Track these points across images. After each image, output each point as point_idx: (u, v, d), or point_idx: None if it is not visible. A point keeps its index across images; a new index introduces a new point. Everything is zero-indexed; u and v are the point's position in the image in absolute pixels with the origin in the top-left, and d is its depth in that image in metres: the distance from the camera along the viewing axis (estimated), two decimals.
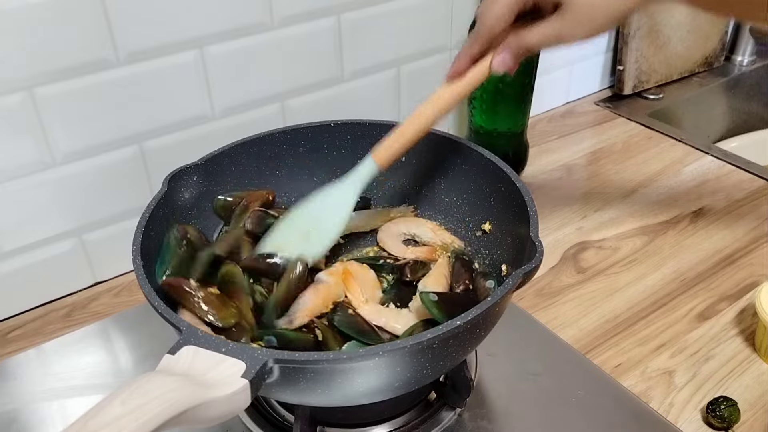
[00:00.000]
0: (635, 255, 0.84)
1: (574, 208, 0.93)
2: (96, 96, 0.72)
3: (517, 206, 0.62)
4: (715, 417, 0.62)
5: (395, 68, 0.94)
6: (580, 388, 0.66)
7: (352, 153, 0.75)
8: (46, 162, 0.73)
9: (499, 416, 0.64)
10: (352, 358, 0.47)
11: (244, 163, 0.71)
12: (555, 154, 1.06)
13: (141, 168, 0.79)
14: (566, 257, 0.84)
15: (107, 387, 0.68)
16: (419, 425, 0.62)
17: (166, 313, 0.49)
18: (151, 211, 0.60)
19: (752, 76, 1.32)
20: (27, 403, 0.67)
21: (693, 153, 1.05)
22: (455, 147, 0.71)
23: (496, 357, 0.69)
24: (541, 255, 0.53)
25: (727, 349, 0.71)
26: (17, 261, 0.76)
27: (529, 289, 0.79)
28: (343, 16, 0.85)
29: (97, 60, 0.71)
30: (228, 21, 0.77)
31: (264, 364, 0.44)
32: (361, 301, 0.62)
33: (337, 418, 0.62)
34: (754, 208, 0.92)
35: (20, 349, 0.74)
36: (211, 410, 0.41)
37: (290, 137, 0.73)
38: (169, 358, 0.44)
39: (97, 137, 0.75)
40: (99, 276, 0.83)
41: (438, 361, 0.51)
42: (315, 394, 0.49)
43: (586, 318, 0.75)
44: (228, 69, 0.79)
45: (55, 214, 0.76)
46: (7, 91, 0.67)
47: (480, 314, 0.48)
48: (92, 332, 0.75)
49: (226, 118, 0.82)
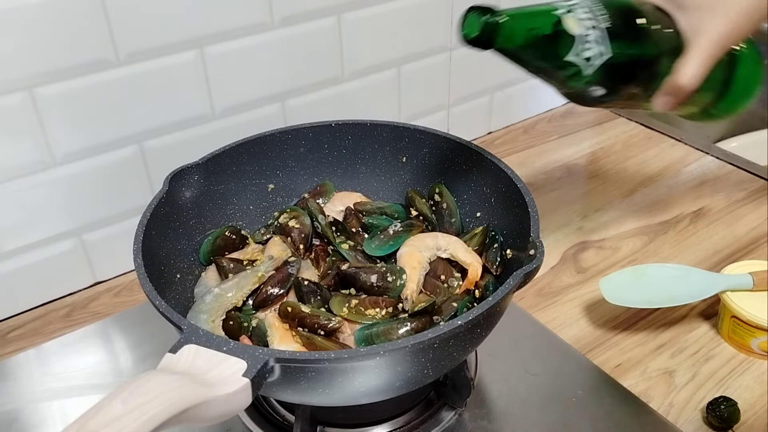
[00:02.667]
0: (635, 255, 0.84)
1: (574, 208, 0.93)
2: (96, 96, 0.72)
3: (518, 206, 0.62)
4: (715, 417, 0.62)
5: (395, 68, 0.94)
6: (580, 388, 0.66)
7: (353, 153, 0.75)
8: (46, 162, 0.73)
9: (499, 416, 0.64)
10: (353, 357, 0.47)
11: (245, 162, 0.71)
12: (555, 154, 1.06)
13: (141, 168, 0.79)
14: (566, 257, 0.84)
15: (107, 387, 0.68)
16: (419, 425, 0.62)
17: (167, 312, 0.49)
18: (153, 210, 0.60)
19: None
20: (27, 403, 0.67)
21: (693, 153, 1.05)
22: (455, 148, 0.71)
23: (496, 357, 0.69)
24: (542, 255, 0.53)
25: (727, 349, 0.71)
26: (17, 261, 0.76)
27: (530, 289, 0.79)
28: (343, 16, 0.85)
29: (97, 60, 0.71)
30: (228, 21, 0.77)
31: (265, 363, 0.44)
32: None
33: (337, 418, 0.62)
34: (754, 208, 0.92)
35: (20, 349, 0.74)
36: (212, 409, 0.41)
37: (291, 137, 0.73)
38: (170, 356, 0.44)
39: (97, 137, 0.75)
40: (99, 276, 0.83)
41: (439, 361, 0.51)
42: (316, 393, 0.49)
43: (586, 318, 0.75)
44: (228, 69, 0.79)
45: (55, 214, 0.76)
46: (7, 91, 0.67)
47: (480, 314, 0.48)
48: (92, 332, 0.75)
49: (227, 118, 0.82)
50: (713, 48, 0.58)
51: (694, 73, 0.58)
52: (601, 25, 0.57)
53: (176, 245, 0.64)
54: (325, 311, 0.60)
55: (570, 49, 0.57)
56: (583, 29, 0.57)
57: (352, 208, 0.73)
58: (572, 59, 0.57)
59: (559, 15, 0.57)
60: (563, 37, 0.57)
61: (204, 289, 0.64)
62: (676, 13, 0.59)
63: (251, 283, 0.63)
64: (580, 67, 0.58)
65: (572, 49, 0.57)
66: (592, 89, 0.60)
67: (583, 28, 0.57)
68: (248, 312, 0.63)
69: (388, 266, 0.64)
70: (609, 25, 0.57)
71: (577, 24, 0.57)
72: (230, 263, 0.66)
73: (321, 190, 0.75)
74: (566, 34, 0.57)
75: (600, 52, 0.57)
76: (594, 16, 0.57)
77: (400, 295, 0.62)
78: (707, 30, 0.58)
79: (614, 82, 0.60)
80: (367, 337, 0.57)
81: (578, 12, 0.57)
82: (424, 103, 0.99)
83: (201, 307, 0.61)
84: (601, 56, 0.57)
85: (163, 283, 0.59)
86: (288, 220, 0.70)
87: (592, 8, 0.58)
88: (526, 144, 1.08)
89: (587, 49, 0.57)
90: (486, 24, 0.55)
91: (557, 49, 0.57)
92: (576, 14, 0.57)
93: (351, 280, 0.63)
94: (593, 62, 0.58)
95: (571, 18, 0.57)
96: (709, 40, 0.58)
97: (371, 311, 0.60)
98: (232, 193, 0.71)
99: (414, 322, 0.57)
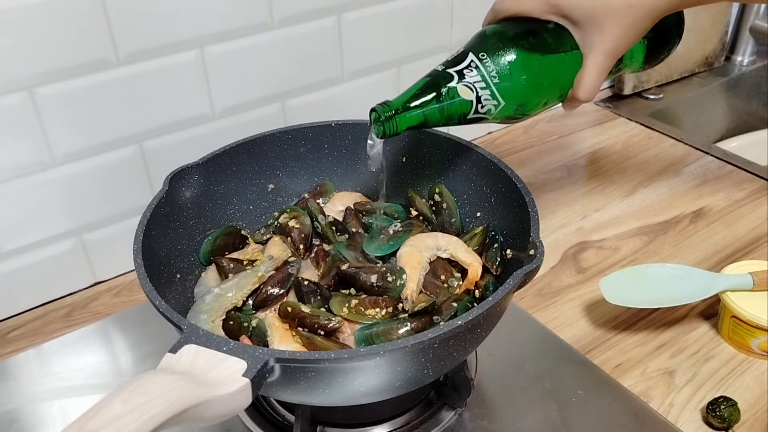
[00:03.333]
0: (635, 255, 0.84)
1: (574, 208, 0.93)
2: (96, 96, 0.72)
3: (518, 206, 0.62)
4: (715, 417, 0.62)
5: (395, 68, 0.94)
6: (580, 388, 0.66)
7: (353, 153, 0.75)
8: (46, 162, 0.73)
9: (499, 416, 0.64)
10: (353, 357, 0.47)
11: (245, 162, 0.71)
12: (555, 154, 1.06)
13: (141, 168, 0.79)
14: (566, 257, 0.84)
15: (107, 387, 0.68)
16: (419, 425, 0.62)
17: (167, 312, 0.49)
18: (153, 210, 0.60)
19: (752, 76, 1.32)
20: (27, 403, 0.67)
21: (693, 153, 1.05)
22: (456, 147, 0.71)
23: (496, 357, 0.69)
24: (542, 255, 0.53)
25: (727, 349, 0.71)
26: (17, 261, 0.76)
27: (530, 289, 0.79)
28: (343, 16, 0.85)
29: (97, 60, 0.71)
30: (228, 21, 0.77)
31: (265, 363, 0.44)
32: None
33: (337, 418, 0.62)
34: (754, 208, 0.92)
35: (20, 349, 0.74)
36: (212, 409, 0.41)
37: (291, 137, 0.73)
38: (170, 356, 0.44)
39: (97, 137, 0.75)
40: (99, 276, 0.83)
41: (439, 360, 0.51)
42: (316, 393, 0.49)
43: (586, 318, 0.75)
44: (228, 69, 0.79)
45: (55, 214, 0.76)
46: (7, 91, 0.67)
47: (480, 314, 0.48)
48: (92, 332, 0.75)
49: (227, 118, 0.82)
50: (604, 60, 0.63)
51: (591, 87, 0.64)
52: (491, 82, 0.61)
53: (176, 245, 0.64)
54: (325, 311, 0.60)
55: (470, 109, 0.61)
56: (474, 94, 0.61)
57: (352, 208, 0.73)
58: (475, 117, 0.62)
59: (449, 87, 0.61)
60: (458, 102, 0.61)
61: (204, 289, 0.64)
62: (571, 29, 0.64)
63: (251, 283, 0.63)
64: (487, 117, 0.62)
65: (472, 109, 0.61)
66: (507, 121, 0.65)
67: (474, 93, 0.61)
68: (248, 312, 0.63)
69: (388, 266, 0.64)
70: (497, 81, 0.61)
71: (468, 91, 0.61)
72: (230, 263, 0.66)
73: (321, 190, 0.75)
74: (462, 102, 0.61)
75: (496, 104, 0.62)
76: (483, 76, 0.61)
77: (400, 295, 0.62)
78: (597, 46, 0.63)
79: (521, 112, 0.64)
80: (367, 337, 0.57)
81: (467, 76, 0.61)
82: None
83: (201, 307, 0.61)
84: (498, 107, 0.62)
85: (163, 283, 0.59)
86: (288, 220, 0.70)
87: (480, 65, 0.61)
88: (526, 144, 1.08)
89: (484, 105, 0.61)
90: (381, 124, 0.61)
91: (457, 112, 0.62)
92: (465, 79, 0.61)
93: (351, 280, 0.63)
94: (494, 113, 0.62)
95: (461, 86, 0.61)
96: (599, 53, 0.63)
97: (371, 311, 0.60)
98: (232, 193, 0.71)
99: (414, 322, 0.57)
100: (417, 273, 0.63)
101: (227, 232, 0.69)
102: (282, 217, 0.71)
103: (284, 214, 0.71)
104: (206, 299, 0.61)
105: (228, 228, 0.70)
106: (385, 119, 0.61)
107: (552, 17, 0.64)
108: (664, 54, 0.73)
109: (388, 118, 0.61)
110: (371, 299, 0.61)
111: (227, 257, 0.68)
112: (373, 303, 0.60)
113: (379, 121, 0.61)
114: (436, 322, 0.59)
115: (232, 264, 0.66)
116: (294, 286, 0.63)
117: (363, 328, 0.58)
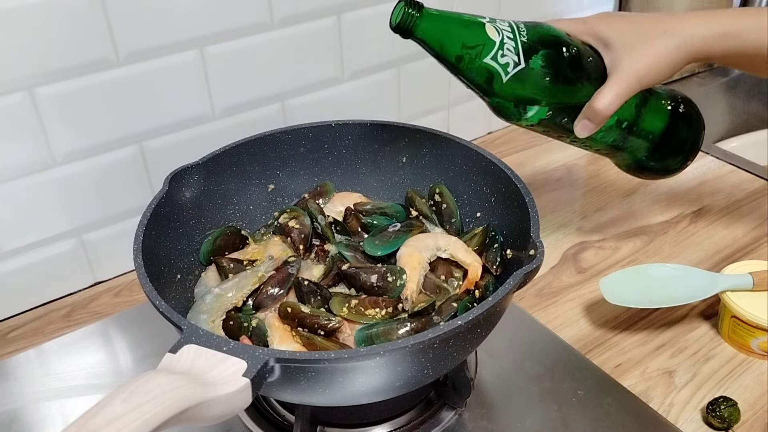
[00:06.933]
0: (635, 255, 0.84)
1: (574, 208, 0.93)
2: (96, 96, 0.72)
3: (518, 206, 0.62)
4: (715, 417, 0.62)
5: (395, 68, 0.94)
6: (580, 388, 0.66)
7: (353, 153, 0.75)
8: (46, 162, 0.73)
9: (499, 416, 0.64)
10: (353, 357, 0.47)
11: (245, 162, 0.71)
12: (555, 154, 1.06)
13: (141, 168, 0.79)
14: (566, 257, 0.84)
15: (107, 387, 0.68)
16: (419, 425, 0.62)
17: (167, 312, 0.49)
18: (153, 210, 0.60)
19: (752, 76, 1.32)
20: (27, 403, 0.67)
21: None
22: (456, 147, 0.71)
23: (496, 357, 0.69)
24: (542, 255, 0.53)
25: (727, 349, 0.71)
26: (17, 261, 0.76)
27: (530, 289, 0.79)
28: (343, 16, 0.85)
29: (97, 60, 0.71)
30: (228, 21, 0.77)
31: (265, 363, 0.44)
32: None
33: (337, 418, 0.62)
34: (754, 208, 0.92)
35: (20, 349, 0.74)
36: (212, 409, 0.41)
37: (291, 137, 0.73)
38: (170, 356, 0.44)
39: (97, 137, 0.75)
40: (99, 276, 0.83)
41: (439, 360, 0.51)
42: (316, 393, 0.49)
43: (586, 318, 0.75)
44: (228, 69, 0.79)
45: (55, 214, 0.76)
46: (7, 91, 0.67)
47: (480, 314, 0.48)
48: (92, 332, 0.75)
49: (227, 118, 0.82)
50: (629, 80, 0.64)
51: (611, 100, 0.64)
52: (518, 38, 0.62)
53: (176, 245, 0.64)
54: (325, 311, 0.60)
55: (488, 52, 0.62)
56: (501, 36, 0.62)
57: (352, 208, 0.73)
58: (488, 62, 0.62)
59: (482, 21, 0.62)
60: (481, 37, 0.62)
61: (204, 289, 0.64)
62: (603, 51, 0.66)
63: (251, 283, 0.63)
64: (498, 72, 0.62)
65: (490, 52, 0.62)
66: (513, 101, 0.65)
67: (500, 35, 0.62)
68: (248, 312, 0.63)
69: (388, 266, 0.64)
70: (525, 40, 0.62)
71: (496, 31, 0.62)
72: (230, 263, 0.66)
73: (321, 190, 0.75)
74: (486, 38, 0.62)
75: (515, 61, 0.62)
76: (513, 30, 0.63)
77: (400, 295, 0.62)
78: (625, 66, 0.64)
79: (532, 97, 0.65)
80: (367, 338, 0.57)
81: (499, 23, 0.63)
82: (424, 103, 0.99)
83: (201, 307, 0.61)
84: (516, 65, 0.62)
85: (163, 283, 0.59)
86: (288, 220, 0.70)
87: (514, 27, 0.63)
88: (526, 144, 1.08)
89: (504, 55, 0.62)
90: (406, 14, 0.61)
91: (475, 49, 0.62)
92: (497, 24, 0.62)
93: (351, 280, 0.63)
94: (509, 70, 0.62)
95: (491, 25, 0.62)
96: (626, 72, 0.64)
97: (371, 311, 0.60)
98: (232, 193, 0.71)
99: (414, 322, 0.57)
100: (417, 273, 0.63)
101: (227, 232, 0.69)
102: (282, 217, 0.71)
103: (284, 215, 0.71)
104: (206, 299, 0.61)
105: (228, 228, 0.70)
106: (408, 7, 0.61)
107: (587, 38, 0.67)
108: (663, 162, 0.76)
109: (410, 13, 0.61)
110: (371, 299, 0.61)
111: (227, 257, 0.68)
112: (373, 303, 0.60)
113: (404, 10, 0.62)
114: (436, 322, 0.59)
115: (232, 264, 0.66)
116: (294, 286, 0.63)
117: (363, 328, 0.58)
